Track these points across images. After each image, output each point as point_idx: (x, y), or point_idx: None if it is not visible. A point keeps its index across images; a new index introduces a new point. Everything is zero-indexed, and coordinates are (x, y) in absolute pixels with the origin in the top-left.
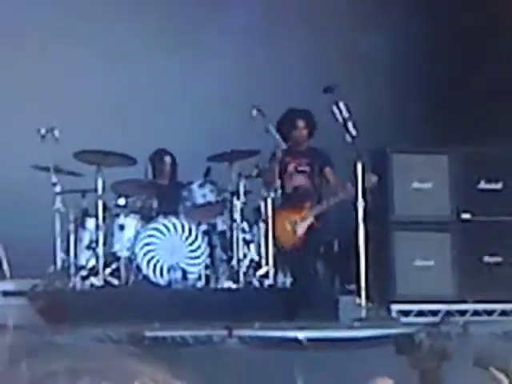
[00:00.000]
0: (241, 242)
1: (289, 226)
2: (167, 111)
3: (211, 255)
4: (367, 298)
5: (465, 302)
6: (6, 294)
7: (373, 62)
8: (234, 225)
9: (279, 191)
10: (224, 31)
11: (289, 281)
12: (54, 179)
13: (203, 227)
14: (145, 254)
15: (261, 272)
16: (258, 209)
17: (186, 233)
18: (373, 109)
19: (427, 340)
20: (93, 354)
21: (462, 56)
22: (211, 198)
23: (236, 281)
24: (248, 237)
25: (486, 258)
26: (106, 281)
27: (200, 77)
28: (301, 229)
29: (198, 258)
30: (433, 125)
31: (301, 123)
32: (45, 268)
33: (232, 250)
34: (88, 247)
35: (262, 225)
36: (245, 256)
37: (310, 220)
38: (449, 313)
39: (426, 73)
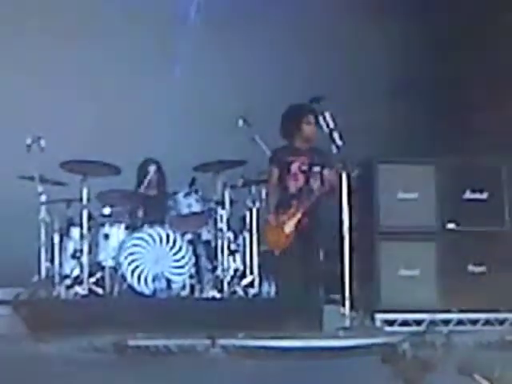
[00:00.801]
0: (226, 252)
1: (277, 228)
2: (153, 121)
3: (196, 265)
4: (351, 307)
5: (449, 311)
6: None
7: (361, 72)
8: (219, 234)
9: (273, 196)
10: (212, 43)
11: (273, 290)
12: (40, 189)
13: (188, 237)
14: (129, 264)
15: (245, 281)
16: (244, 218)
17: (171, 242)
18: (359, 119)
19: (411, 349)
20: None
21: (450, 68)
22: (196, 207)
23: (221, 290)
24: (233, 246)
25: (471, 268)
26: (90, 290)
27: (186, 87)
28: (288, 227)
29: (182, 267)
30: (419, 135)
31: (312, 119)
32: (29, 277)
33: (217, 259)
34: (73, 256)
35: (247, 234)
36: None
37: (297, 217)
38: (433, 322)
39: (414, 84)
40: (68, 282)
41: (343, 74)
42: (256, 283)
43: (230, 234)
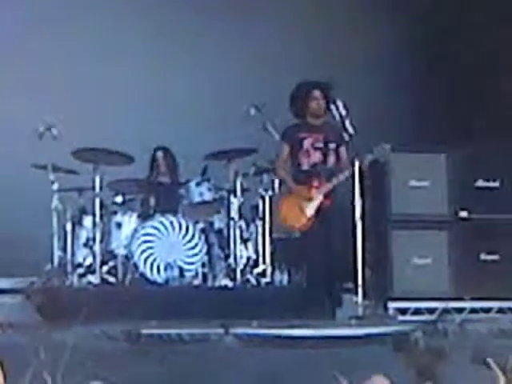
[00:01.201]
0: (238, 240)
1: (297, 208)
2: (165, 110)
3: (208, 253)
4: (364, 296)
5: (462, 299)
6: (2, 291)
7: (372, 60)
8: (232, 223)
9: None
10: (222, 30)
11: (286, 278)
12: (52, 177)
13: (200, 225)
14: (142, 252)
15: (258, 270)
16: (256, 207)
17: (184, 231)
18: (371, 107)
19: (423, 338)
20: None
21: (461, 56)
22: (208, 196)
23: (233, 279)
24: (245, 235)
25: (483, 256)
26: (103, 278)
27: (198, 76)
28: (310, 209)
29: (195, 255)
30: (431, 123)
31: (317, 93)
32: (42, 266)
33: (229, 248)
34: (85, 245)
35: (259, 223)
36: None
37: (319, 199)
38: (446, 310)
39: (426, 72)
40: (81, 270)
41: (354, 59)
42: (268, 272)
43: (242, 223)
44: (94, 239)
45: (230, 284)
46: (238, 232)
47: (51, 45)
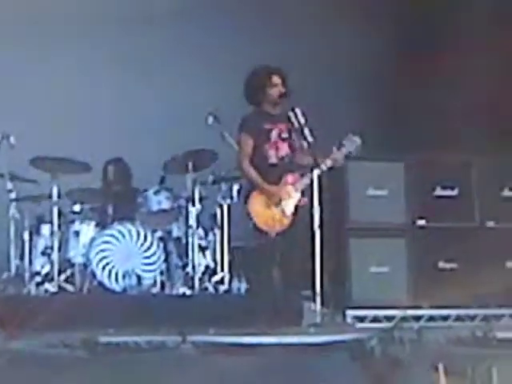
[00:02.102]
0: (196, 249)
1: (275, 208)
2: (124, 118)
3: (166, 261)
4: (322, 303)
5: (420, 307)
6: None
7: (330, 66)
8: (190, 231)
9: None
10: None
11: (244, 287)
12: (9, 186)
13: (159, 233)
14: (100, 260)
15: (216, 278)
16: (214, 215)
17: (142, 239)
18: (329, 115)
19: (379, 346)
20: None
21: (421, 66)
22: (167, 204)
23: (191, 287)
24: (203, 243)
25: (441, 264)
26: (60, 287)
27: (155, 85)
28: (289, 208)
29: (153, 264)
30: (388, 132)
31: (277, 79)
32: None
33: (187, 256)
34: (43, 253)
35: (217, 231)
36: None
37: (297, 196)
38: (404, 318)
39: (385, 80)
40: (38, 279)
41: (314, 69)
42: (226, 280)
43: (201, 231)
44: (51, 248)
45: (188, 292)
46: (196, 240)
47: (9, 53)
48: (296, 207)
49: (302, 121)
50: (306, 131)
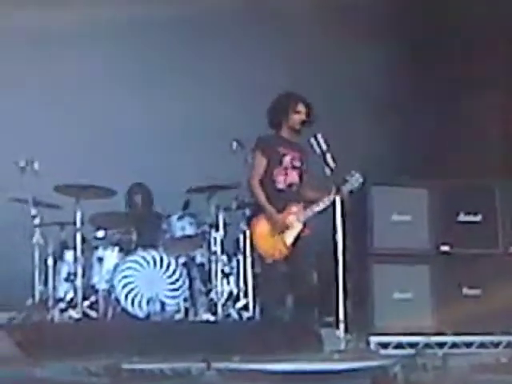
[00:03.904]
0: (219, 275)
1: (276, 237)
2: (147, 144)
3: (190, 287)
4: (346, 330)
5: (443, 334)
6: None
7: (354, 94)
8: (213, 257)
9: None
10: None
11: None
12: (33, 212)
13: (182, 259)
14: (123, 287)
15: (239, 304)
16: (237, 241)
17: (165, 265)
18: (353, 142)
19: (402, 373)
20: None
21: (444, 91)
22: (190, 230)
23: (214, 313)
24: (227, 269)
25: (465, 290)
26: (84, 313)
27: (180, 111)
28: (289, 238)
29: (176, 290)
30: (413, 158)
31: (303, 108)
32: (23, 300)
33: (211, 282)
34: (66, 279)
35: (241, 257)
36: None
37: (298, 227)
38: (427, 345)
39: (408, 106)
40: (62, 305)
41: (336, 92)
42: (250, 306)
43: (224, 257)
44: (75, 274)
45: (211, 318)
46: (219, 266)
47: (34, 79)
48: (297, 238)
49: (324, 147)
50: (328, 157)
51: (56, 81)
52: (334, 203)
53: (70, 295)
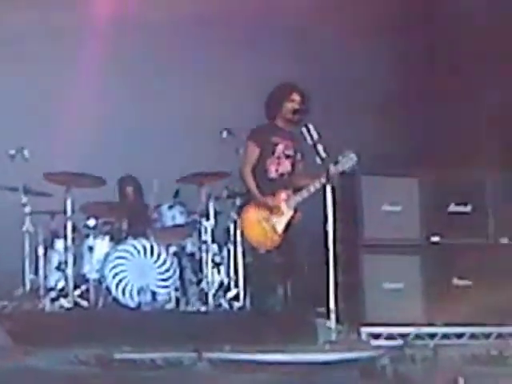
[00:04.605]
0: (210, 264)
1: (266, 224)
2: (138, 133)
3: (181, 277)
4: (337, 320)
5: (434, 325)
6: None
7: (347, 85)
8: (204, 247)
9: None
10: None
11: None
12: (24, 200)
13: (173, 249)
14: (114, 276)
15: (230, 294)
16: (228, 230)
17: (156, 255)
18: (344, 131)
19: (391, 364)
20: None
21: (436, 81)
22: (180, 219)
23: (205, 303)
24: (217, 259)
25: (456, 281)
26: (75, 302)
27: (170, 100)
28: (280, 225)
29: (167, 279)
30: (404, 148)
31: (297, 97)
32: (14, 290)
33: (202, 272)
34: (57, 268)
35: (231, 246)
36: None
37: (289, 213)
38: (418, 336)
39: (399, 97)
40: (53, 294)
41: (328, 86)
42: (241, 296)
43: (215, 246)
44: (66, 263)
45: (202, 308)
46: (210, 256)
47: (23, 67)
48: (288, 225)
49: (315, 136)
50: (319, 147)
51: (46, 69)
52: (324, 192)
53: (60, 284)
